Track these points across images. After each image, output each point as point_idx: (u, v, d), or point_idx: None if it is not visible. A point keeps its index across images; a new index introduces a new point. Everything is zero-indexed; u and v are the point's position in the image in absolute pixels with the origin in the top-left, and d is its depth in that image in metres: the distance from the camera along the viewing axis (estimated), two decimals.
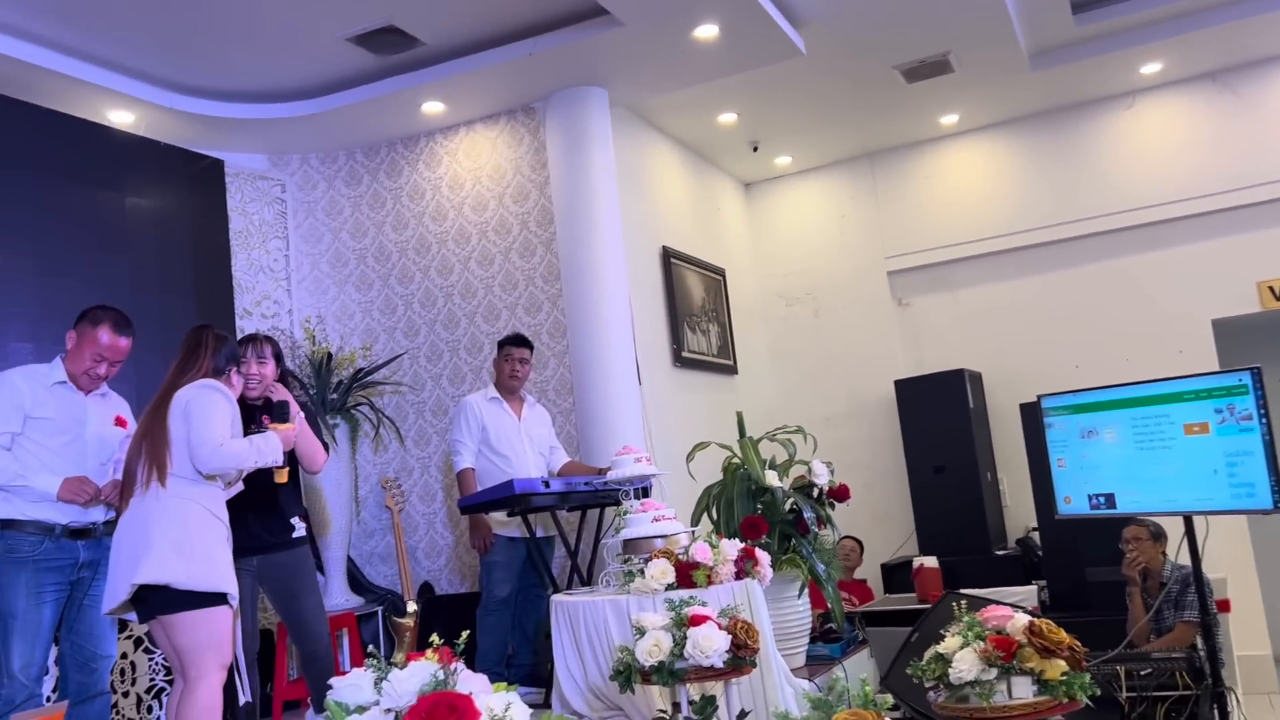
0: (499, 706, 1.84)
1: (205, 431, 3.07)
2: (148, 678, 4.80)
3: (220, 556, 3.06)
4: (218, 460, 3.07)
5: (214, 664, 3.01)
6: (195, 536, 3.01)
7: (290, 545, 3.73)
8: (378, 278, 6.11)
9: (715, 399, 6.70)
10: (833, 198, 7.66)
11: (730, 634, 2.85)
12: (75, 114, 5.00)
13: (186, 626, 2.97)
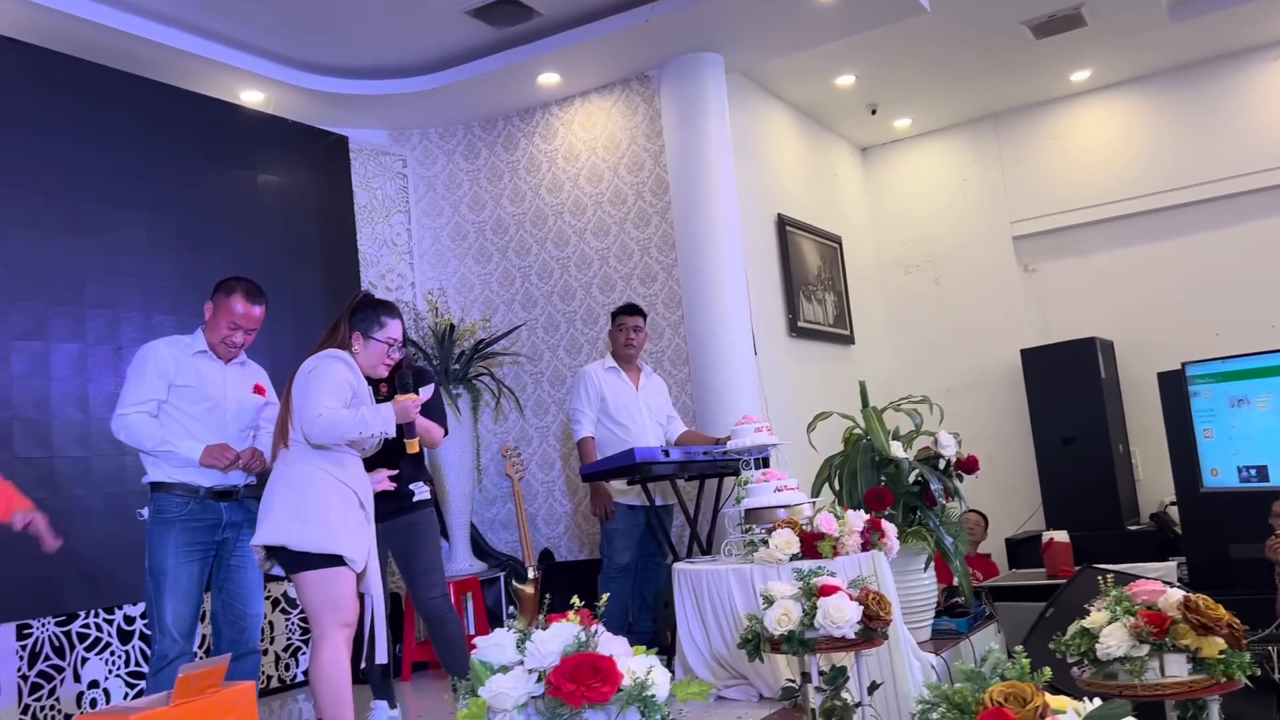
0: (641, 669, 1.84)
1: (309, 402, 3.09)
2: (285, 636, 5.01)
3: (338, 519, 3.05)
4: (317, 430, 3.06)
5: (333, 623, 3.05)
6: (312, 500, 3.04)
7: (411, 509, 3.78)
8: (496, 250, 6.18)
9: (831, 369, 6.59)
10: (954, 161, 7.42)
11: (862, 605, 2.80)
12: (210, 94, 5.18)
13: (306, 586, 3.04)
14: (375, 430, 3.13)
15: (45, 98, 4.43)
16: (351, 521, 3.10)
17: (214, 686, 2.13)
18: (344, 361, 3.20)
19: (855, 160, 7.62)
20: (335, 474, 3.12)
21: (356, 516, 3.13)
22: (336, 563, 3.05)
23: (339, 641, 3.06)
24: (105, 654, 4.27)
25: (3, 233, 4.18)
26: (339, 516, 3.07)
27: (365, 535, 3.15)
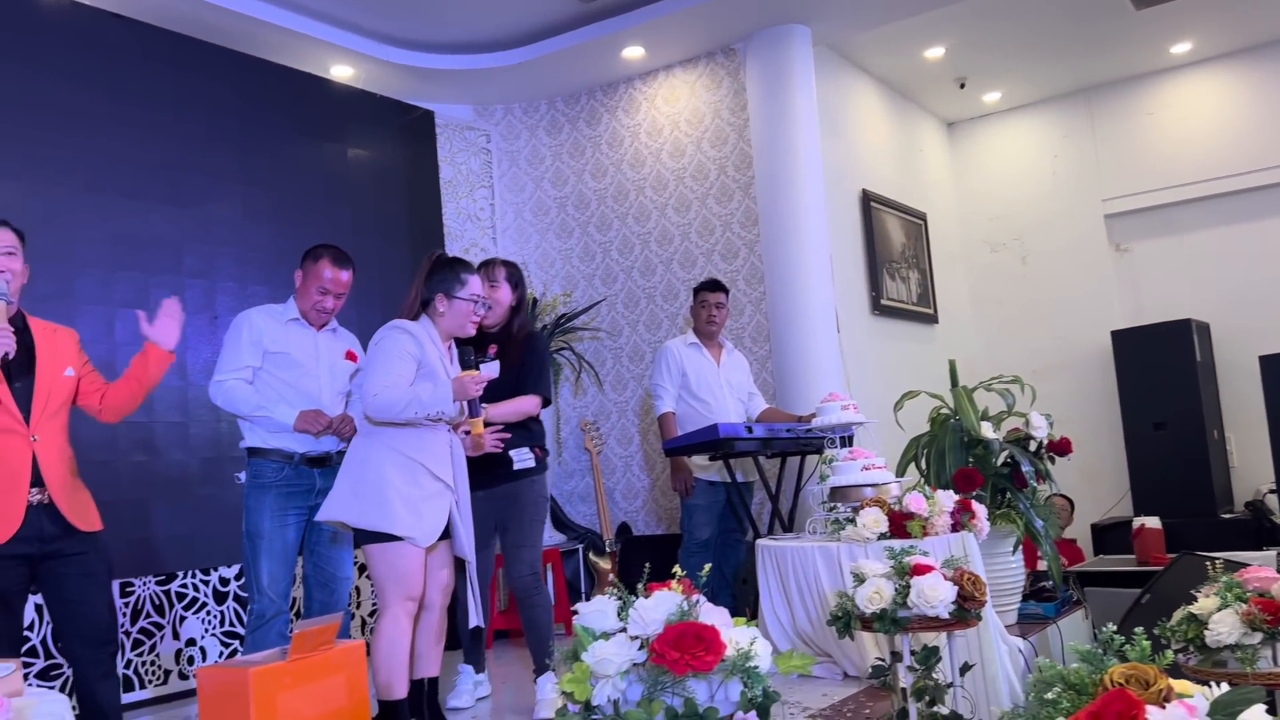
0: (744, 640, 1.84)
1: (367, 379, 3.06)
2: (370, 601, 5.13)
3: (395, 497, 3.00)
4: (372, 411, 3.02)
5: (395, 596, 3.03)
6: (371, 478, 3.03)
7: (508, 478, 3.68)
8: (577, 225, 6.20)
9: (914, 348, 6.49)
10: (1045, 136, 7.22)
11: (956, 585, 2.76)
12: (302, 69, 5.27)
13: (371, 559, 3.05)
14: (432, 409, 3.02)
15: (148, 72, 4.55)
16: (415, 498, 3.05)
17: (327, 644, 2.19)
18: (408, 332, 3.12)
19: (941, 136, 7.46)
20: (400, 448, 3.06)
21: (425, 491, 3.07)
22: (398, 538, 3.03)
23: (399, 614, 3.05)
24: (202, 613, 4.41)
25: (108, 203, 4.31)
26: (397, 494, 3.01)
27: (434, 509, 3.09)
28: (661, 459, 5.83)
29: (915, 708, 2.80)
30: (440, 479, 3.10)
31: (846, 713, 3.16)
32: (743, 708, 1.84)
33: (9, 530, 2.70)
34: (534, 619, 3.65)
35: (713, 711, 1.80)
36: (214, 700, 2.07)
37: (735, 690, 1.83)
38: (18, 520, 2.71)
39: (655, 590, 1.93)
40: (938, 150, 7.38)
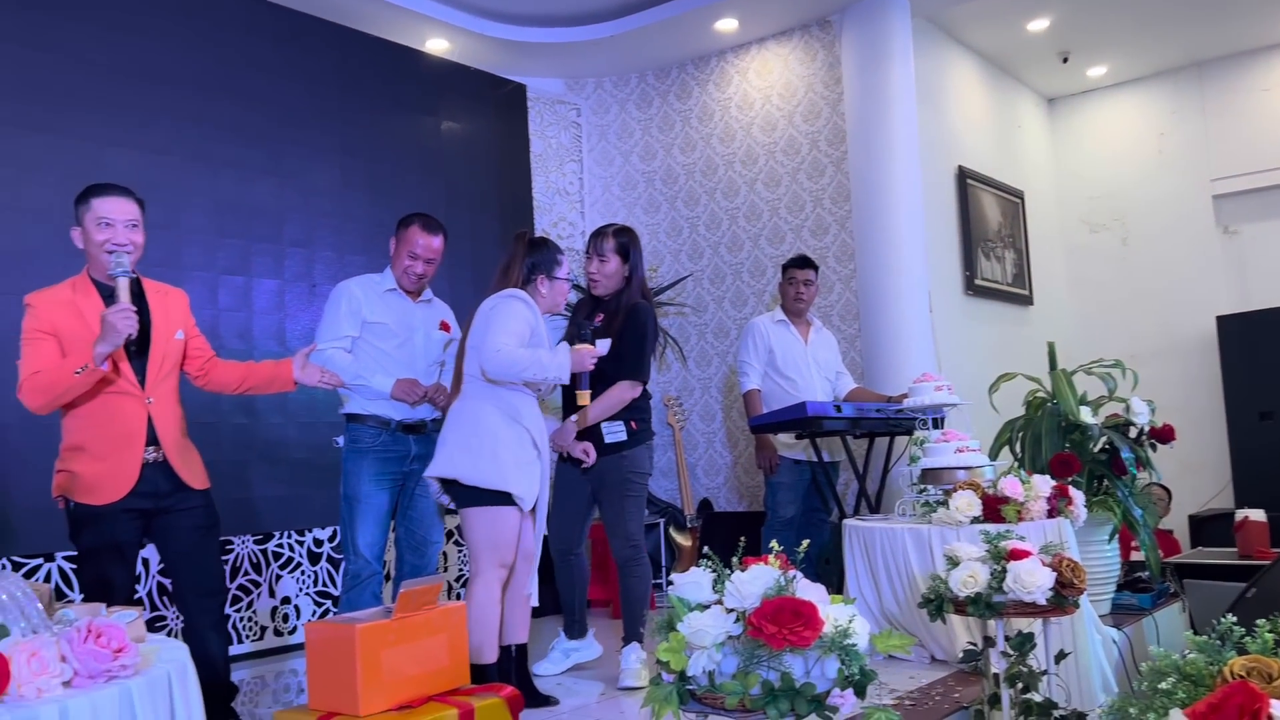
0: (843, 617, 1.82)
1: (491, 337, 3.11)
2: (458, 567, 5.22)
3: (508, 457, 3.08)
4: (493, 365, 3.08)
5: (490, 561, 3.09)
6: (485, 436, 3.09)
7: (602, 452, 3.58)
8: (665, 200, 6.18)
9: (1007, 330, 6.34)
10: (1151, 113, 6.95)
11: (1054, 571, 2.70)
12: (399, 41, 5.33)
13: (471, 522, 3.10)
14: (550, 374, 3.12)
15: (252, 43, 4.65)
16: (523, 460, 3.13)
17: (430, 604, 2.23)
18: (524, 301, 3.21)
19: (1041, 112, 7.24)
20: (509, 413, 3.15)
21: (528, 456, 3.15)
22: (504, 501, 3.09)
23: (492, 580, 3.10)
24: (297, 573, 4.55)
25: (214, 172, 4.43)
26: (509, 454, 3.10)
27: (536, 475, 3.17)
28: (745, 436, 5.81)
29: (1008, 694, 2.75)
30: (538, 448, 3.18)
31: (935, 696, 3.13)
32: (839, 685, 1.83)
33: (126, 486, 2.81)
34: (629, 589, 3.65)
35: (809, 687, 1.79)
36: (321, 653, 2.14)
37: (832, 667, 1.82)
38: (134, 477, 2.82)
39: (751, 564, 1.92)
40: (1037, 127, 7.16)
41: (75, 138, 4.02)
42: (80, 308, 2.85)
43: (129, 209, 2.90)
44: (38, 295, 2.87)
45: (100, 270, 2.88)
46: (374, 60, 5.16)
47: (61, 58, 4.01)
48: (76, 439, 2.84)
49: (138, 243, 2.90)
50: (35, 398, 2.76)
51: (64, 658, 1.37)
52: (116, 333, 2.70)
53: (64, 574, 3.80)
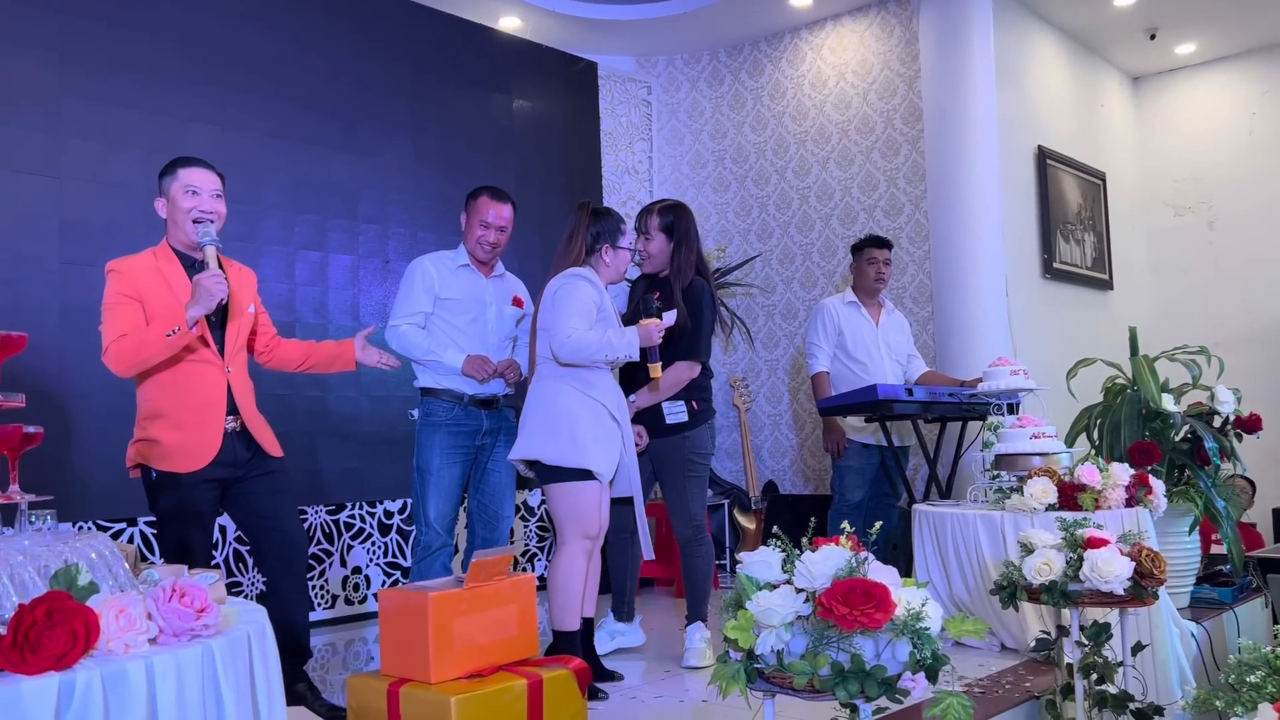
0: (916, 600, 1.80)
1: (557, 324, 3.16)
2: (524, 541, 5.28)
3: (586, 434, 3.14)
4: (565, 353, 3.13)
5: (574, 533, 3.17)
6: (561, 416, 3.15)
7: (660, 434, 3.60)
8: (734, 179, 6.13)
9: (1085, 315, 6.18)
10: (1242, 92, 6.69)
11: (1134, 561, 2.63)
12: (472, 19, 5.36)
13: (554, 497, 3.18)
14: (620, 354, 3.16)
15: (329, 21, 4.71)
16: (601, 435, 3.19)
17: (501, 575, 2.26)
18: (587, 280, 3.23)
19: (1126, 90, 7.01)
20: (583, 390, 3.19)
21: (607, 430, 3.21)
22: (585, 476, 3.15)
23: (576, 551, 3.18)
24: (367, 543, 4.64)
25: (292, 148, 4.50)
26: (587, 431, 3.16)
27: (616, 447, 3.23)
28: (812, 418, 5.76)
29: (1082, 685, 2.69)
30: (616, 419, 3.24)
31: (1005, 684, 3.08)
32: (910, 669, 1.80)
33: (208, 455, 2.84)
34: (692, 568, 3.64)
35: (880, 669, 1.77)
36: (394, 620, 2.17)
37: (904, 650, 1.79)
38: (216, 446, 2.85)
39: (821, 545, 1.90)
40: (1121, 106, 6.94)
41: (158, 113, 4.12)
42: (165, 274, 2.88)
43: (214, 180, 2.95)
44: (121, 262, 2.89)
45: (182, 239, 2.91)
46: (447, 38, 5.19)
47: (146, 35, 4.10)
48: (155, 406, 2.85)
49: (221, 213, 2.94)
50: (121, 361, 2.78)
51: (150, 615, 1.41)
52: (210, 296, 2.73)
53: (145, 538, 3.92)
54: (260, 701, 1.52)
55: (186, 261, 2.92)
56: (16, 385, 1.80)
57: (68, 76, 3.89)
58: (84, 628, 1.29)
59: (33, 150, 3.78)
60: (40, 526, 1.67)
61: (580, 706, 2.25)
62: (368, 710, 2.15)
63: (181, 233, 2.90)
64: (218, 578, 1.71)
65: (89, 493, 3.76)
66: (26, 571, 1.45)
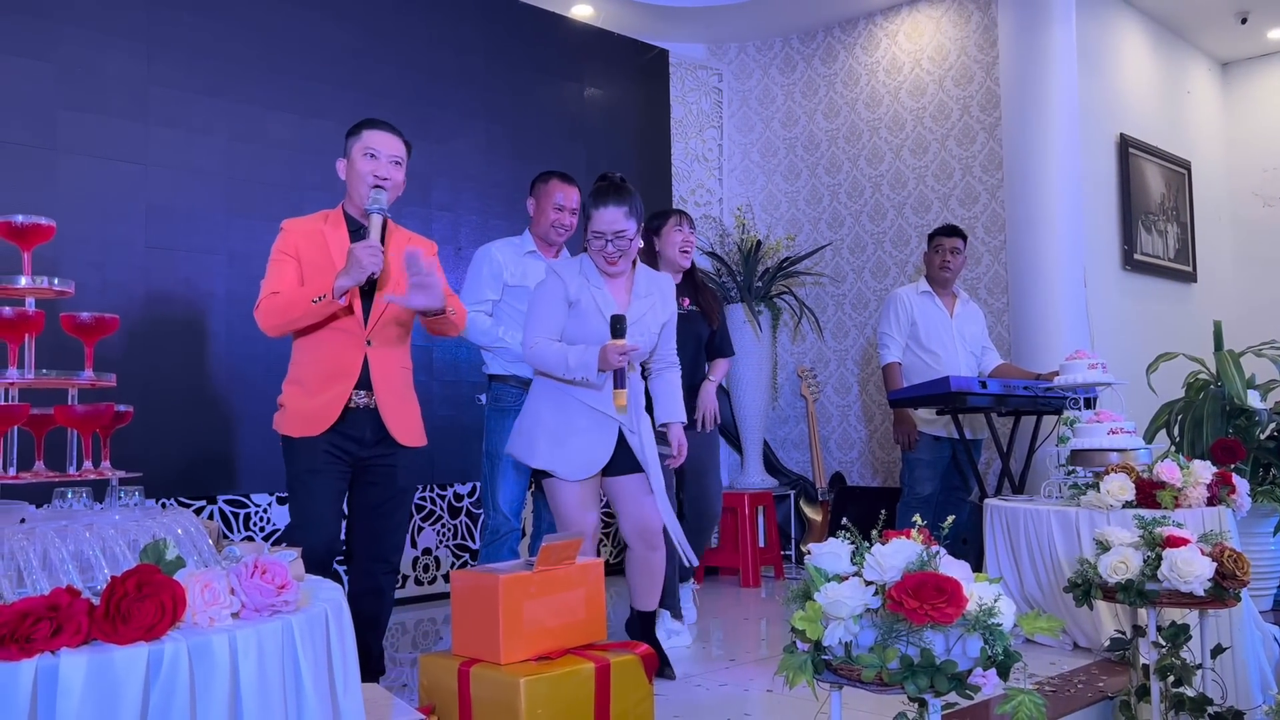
0: (989, 596, 1.77)
1: (525, 329, 3.06)
2: None
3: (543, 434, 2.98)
4: (528, 359, 3.04)
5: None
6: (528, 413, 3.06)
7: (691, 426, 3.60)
8: (805, 167, 6.08)
9: (1167, 308, 6.01)
10: None
11: (1215, 561, 2.56)
12: (544, 7, 5.38)
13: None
14: (576, 376, 2.92)
15: (403, 10, 4.77)
16: (565, 434, 2.98)
17: (570, 559, 2.28)
18: (558, 275, 3.04)
19: (1213, 77, 6.78)
20: (559, 386, 3.02)
21: (577, 425, 2.99)
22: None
23: None
24: (437, 526, 4.71)
25: None
26: (544, 429, 2.99)
27: (587, 444, 2.98)
28: (881, 410, 5.70)
29: (1158, 686, 2.63)
30: (599, 410, 2.98)
31: (1077, 683, 3.02)
32: (981, 665, 1.78)
33: (325, 423, 2.67)
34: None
35: (950, 664, 1.75)
36: (465, 601, 2.21)
37: (975, 646, 1.77)
38: (334, 416, 2.67)
39: (892, 538, 1.88)
40: (1208, 92, 6.72)
41: (239, 101, 4.22)
42: (327, 237, 2.76)
43: (397, 146, 2.82)
44: (293, 220, 2.82)
45: (356, 205, 2.80)
46: (520, 26, 5.23)
47: (228, 26, 4.20)
48: (297, 372, 2.76)
49: (398, 180, 2.81)
50: (269, 318, 2.68)
51: (233, 590, 1.45)
52: (361, 267, 2.59)
53: (224, 516, 4.03)
54: (336, 675, 1.56)
55: (354, 226, 2.80)
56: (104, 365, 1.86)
57: (154, 66, 4.00)
58: (171, 600, 1.33)
59: (121, 138, 3.90)
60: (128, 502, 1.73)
61: (646, 691, 2.27)
62: (439, 688, 2.20)
63: (356, 194, 2.78)
64: (296, 555, 1.76)
65: (170, 470, 3.88)
66: (118, 545, 1.51)
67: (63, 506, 1.67)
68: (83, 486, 1.68)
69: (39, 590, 1.38)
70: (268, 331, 2.72)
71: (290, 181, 4.33)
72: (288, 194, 4.31)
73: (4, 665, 1.20)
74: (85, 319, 1.78)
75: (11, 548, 1.42)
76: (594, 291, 3.02)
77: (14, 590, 1.39)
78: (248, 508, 4.11)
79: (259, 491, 4.14)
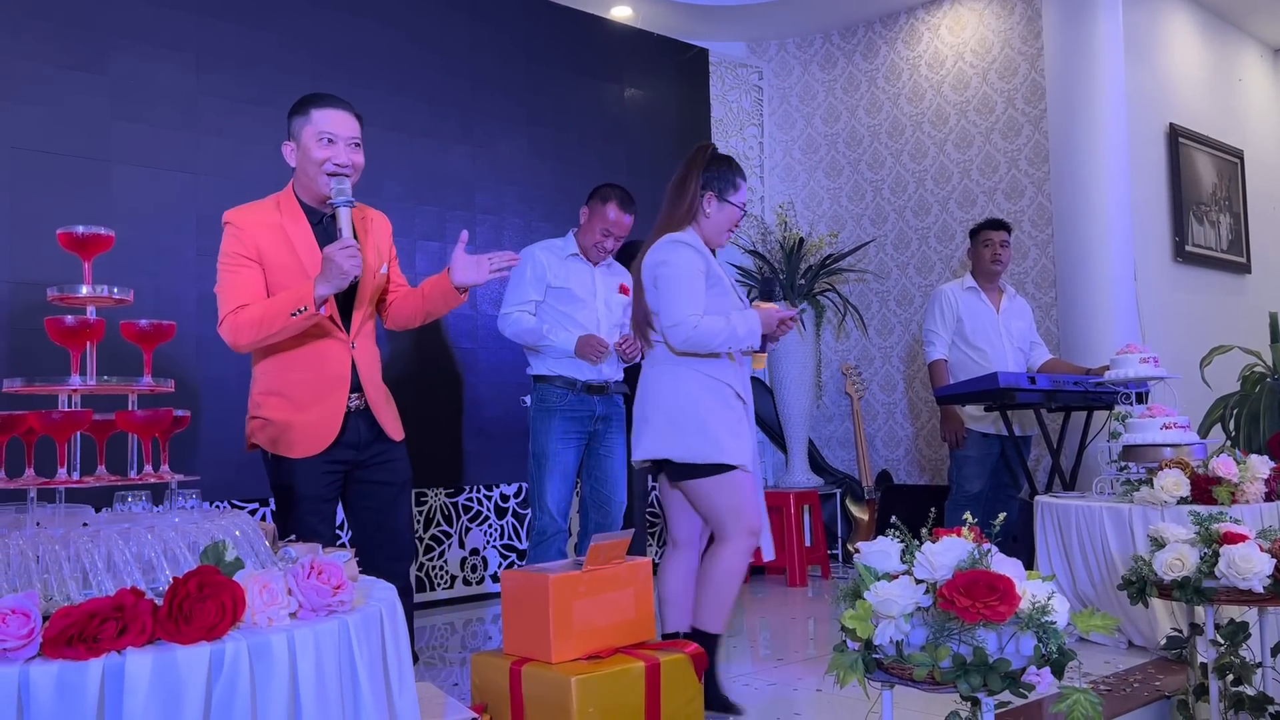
0: (1042, 594, 1.75)
1: (667, 306, 2.79)
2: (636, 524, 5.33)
3: (719, 425, 2.78)
4: (677, 340, 2.78)
5: (737, 529, 2.80)
6: (687, 407, 2.80)
7: None
8: (847, 163, 6.04)
9: (1220, 300, 5.89)
10: None
11: (1275, 558, 2.50)
12: (584, 10, 5.40)
13: (700, 493, 2.82)
14: (745, 344, 2.78)
15: (446, 15, 4.82)
16: (731, 422, 2.82)
17: (619, 558, 2.29)
18: (689, 245, 2.83)
19: (1266, 63, 6.64)
20: (707, 373, 2.83)
21: (736, 413, 2.85)
22: (727, 469, 2.79)
23: (741, 548, 2.81)
24: (484, 526, 4.75)
25: (410, 141, 4.63)
26: (719, 422, 2.80)
27: (746, 432, 2.86)
28: (928, 407, 5.64)
29: (1217, 685, 2.58)
30: (742, 398, 2.89)
31: (1133, 682, 2.98)
32: (1035, 663, 1.76)
33: (329, 437, 2.53)
34: None
35: (1003, 663, 1.73)
36: (516, 600, 2.23)
37: (1028, 645, 1.75)
38: (337, 427, 2.53)
39: (943, 536, 1.87)
40: (1260, 79, 6.58)
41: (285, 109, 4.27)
42: (288, 233, 2.53)
43: (352, 125, 2.56)
44: (239, 213, 2.55)
45: (310, 191, 2.57)
46: (560, 29, 5.25)
47: (275, 35, 4.27)
48: (273, 383, 2.55)
49: (359, 164, 2.57)
50: (241, 335, 2.45)
51: (290, 591, 1.48)
52: (343, 274, 2.37)
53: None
54: (391, 674, 1.58)
55: (314, 217, 2.59)
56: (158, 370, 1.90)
57: (204, 77, 4.07)
58: (232, 601, 1.36)
59: (172, 148, 3.98)
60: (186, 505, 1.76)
61: (696, 691, 2.27)
62: (490, 687, 2.22)
63: (313, 185, 2.54)
64: (350, 556, 1.79)
65: (224, 473, 3.95)
66: (178, 547, 1.55)
67: (123, 509, 1.71)
68: (142, 490, 1.72)
69: (104, 591, 1.41)
70: (239, 349, 2.51)
71: None
72: None
73: (73, 664, 1.23)
74: (144, 326, 1.82)
75: (78, 549, 1.46)
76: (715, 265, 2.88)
77: (80, 591, 1.42)
78: None
79: None
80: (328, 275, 2.38)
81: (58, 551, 1.45)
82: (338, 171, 2.50)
